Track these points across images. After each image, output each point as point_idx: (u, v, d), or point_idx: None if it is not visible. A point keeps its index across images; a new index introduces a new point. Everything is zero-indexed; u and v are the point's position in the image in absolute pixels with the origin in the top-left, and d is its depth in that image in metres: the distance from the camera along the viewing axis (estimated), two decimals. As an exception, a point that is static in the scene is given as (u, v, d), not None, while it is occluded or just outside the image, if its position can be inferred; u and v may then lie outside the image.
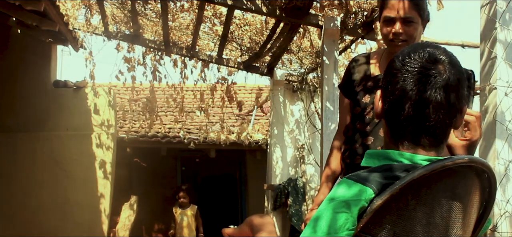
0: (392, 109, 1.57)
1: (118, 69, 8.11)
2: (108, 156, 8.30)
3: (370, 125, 2.90)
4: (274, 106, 8.71)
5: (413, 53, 1.56)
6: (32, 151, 8.04)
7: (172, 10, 6.79)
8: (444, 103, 1.51)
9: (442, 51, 1.57)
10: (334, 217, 1.40)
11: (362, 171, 1.51)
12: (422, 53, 1.55)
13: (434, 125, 1.52)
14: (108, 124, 8.39)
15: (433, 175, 1.42)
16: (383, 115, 1.62)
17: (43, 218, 7.93)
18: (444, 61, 1.54)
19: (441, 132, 1.55)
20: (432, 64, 1.52)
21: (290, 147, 8.74)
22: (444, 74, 1.52)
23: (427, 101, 1.50)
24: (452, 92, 1.52)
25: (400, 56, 1.58)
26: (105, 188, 8.23)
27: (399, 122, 1.55)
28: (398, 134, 1.56)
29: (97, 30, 7.49)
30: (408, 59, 1.55)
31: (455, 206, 1.48)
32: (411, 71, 1.52)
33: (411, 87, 1.51)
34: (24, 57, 8.14)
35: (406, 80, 1.52)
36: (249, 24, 7.03)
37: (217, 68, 8.20)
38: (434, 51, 1.56)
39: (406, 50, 1.59)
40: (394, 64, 1.58)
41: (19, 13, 6.76)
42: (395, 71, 1.56)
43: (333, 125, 5.41)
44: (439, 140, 1.56)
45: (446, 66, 1.53)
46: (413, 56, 1.55)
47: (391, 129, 1.59)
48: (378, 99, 1.64)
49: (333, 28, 5.46)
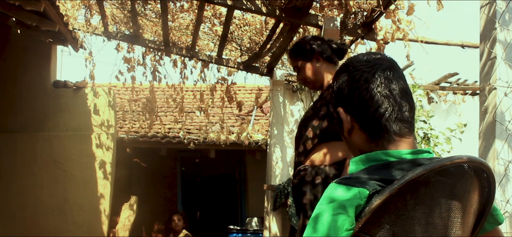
0: (364, 113, 1.61)
1: (118, 69, 8.12)
2: (108, 156, 8.30)
3: None
4: (274, 107, 8.70)
5: (358, 59, 1.67)
6: (32, 151, 8.05)
7: (172, 10, 6.80)
8: (405, 88, 1.62)
9: (377, 52, 1.70)
10: (332, 219, 1.41)
11: (358, 173, 1.51)
12: (366, 56, 1.66)
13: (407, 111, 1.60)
14: (108, 124, 8.39)
15: (432, 174, 1.43)
16: (352, 128, 1.65)
17: (42, 218, 7.94)
18: (385, 57, 1.66)
19: (413, 116, 1.63)
20: (380, 60, 1.64)
21: (290, 147, 8.74)
22: (394, 65, 1.64)
23: (395, 91, 1.59)
24: (403, 76, 1.65)
25: (348, 68, 1.67)
26: (105, 188, 8.23)
27: (376, 120, 1.58)
28: (378, 132, 1.59)
29: (97, 30, 7.49)
30: (360, 65, 1.64)
31: (454, 206, 1.49)
32: (370, 71, 1.61)
33: (375, 85, 1.59)
34: (24, 57, 8.15)
35: (369, 80, 1.60)
36: (249, 24, 7.03)
37: (217, 68, 8.20)
38: (372, 53, 1.70)
39: (351, 61, 1.68)
40: (348, 75, 1.65)
41: (19, 14, 6.76)
42: (355, 78, 1.63)
43: (333, 125, 5.41)
44: (413, 124, 1.63)
45: (388, 60, 1.65)
46: (361, 61, 1.65)
47: (368, 132, 1.61)
48: (344, 114, 1.66)
49: (332, 28, 5.45)
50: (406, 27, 5.54)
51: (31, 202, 7.94)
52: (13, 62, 8.11)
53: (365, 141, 1.63)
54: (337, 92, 1.70)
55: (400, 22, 5.50)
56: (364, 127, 1.62)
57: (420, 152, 1.55)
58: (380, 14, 5.37)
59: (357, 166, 1.60)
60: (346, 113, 1.65)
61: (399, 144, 1.56)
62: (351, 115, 1.64)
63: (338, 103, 1.69)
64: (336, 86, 1.70)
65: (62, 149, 8.16)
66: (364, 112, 1.60)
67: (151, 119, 9.39)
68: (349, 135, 1.67)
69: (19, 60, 8.12)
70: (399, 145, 1.56)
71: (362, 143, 1.64)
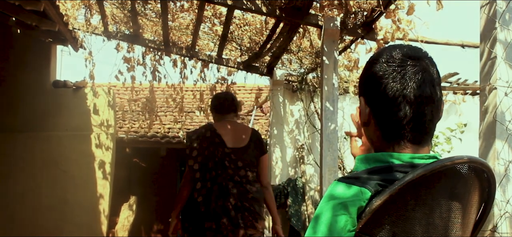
0: (384, 111, 1.56)
1: (118, 69, 8.13)
2: (107, 156, 8.29)
3: None
4: (274, 106, 8.71)
5: (394, 53, 1.57)
6: (31, 151, 8.04)
7: (172, 10, 6.79)
8: (434, 97, 1.53)
9: (419, 49, 1.59)
10: (334, 219, 1.40)
11: (360, 172, 1.50)
12: (403, 53, 1.56)
13: (428, 121, 1.54)
14: (108, 124, 8.38)
15: (433, 175, 1.42)
16: (370, 120, 1.62)
17: (42, 218, 7.93)
18: (424, 57, 1.57)
19: (434, 127, 1.57)
20: (416, 61, 1.54)
21: (290, 147, 8.74)
22: (429, 69, 1.54)
23: (421, 98, 1.51)
24: (437, 85, 1.55)
25: (381, 59, 1.58)
26: (104, 188, 8.22)
27: (394, 123, 1.54)
28: (393, 135, 1.55)
29: (96, 30, 7.49)
30: (392, 60, 1.55)
31: (454, 206, 1.48)
32: (399, 71, 1.53)
33: (403, 86, 1.52)
34: (23, 57, 8.14)
35: (395, 80, 1.53)
36: (249, 24, 7.03)
37: (216, 68, 8.21)
38: (412, 49, 1.58)
39: (386, 52, 1.59)
40: (376, 67, 1.58)
41: (19, 13, 6.76)
42: (381, 73, 1.56)
43: (333, 125, 5.40)
44: (431, 135, 1.57)
45: (427, 62, 1.56)
46: (395, 57, 1.56)
47: (383, 131, 1.58)
48: (364, 105, 1.63)
49: (333, 28, 5.45)
50: (406, 27, 5.54)
51: (31, 202, 7.94)
52: (13, 62, 8.11)
53: (378, 138, 1.60)
54: (363, 79, 1.64)
55: (400, 22, 5.50)
56: (380, 125, 1.58)
57: (426, 157, 1.52)
58: (380, 14, 5.37)
59: (362, 164, 1.58)
60: (367, 104, 1.61)
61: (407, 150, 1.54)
62: (371, 109, 1.60)
63: (361, 91, 1.64)
64: (364, 73, 1.64)
65: (61, 149, 8.16)
66: (383, 111, 1.56)
67: (150, 119, 9.39)
68: (366, 126, 1.65)
69: (19, 59, 8.12)
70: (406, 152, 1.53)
71: (376, 139, 1.61)
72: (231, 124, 4.92)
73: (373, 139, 1.63)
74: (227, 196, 4.67)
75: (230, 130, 4.87)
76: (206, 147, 4.78)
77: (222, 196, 4.67)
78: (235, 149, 4.78)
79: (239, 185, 4.73)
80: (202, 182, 4.76)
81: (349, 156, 8.58)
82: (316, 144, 8.48)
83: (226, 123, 4.93)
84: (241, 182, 4.74)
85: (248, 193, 4.74)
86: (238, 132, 4.89)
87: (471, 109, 8.71)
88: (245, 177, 4.76)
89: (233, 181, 4.71)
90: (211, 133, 4.81)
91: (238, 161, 4.76)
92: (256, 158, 4.88)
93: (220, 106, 4.98)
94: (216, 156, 4.73)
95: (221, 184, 4.69)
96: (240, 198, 4.70)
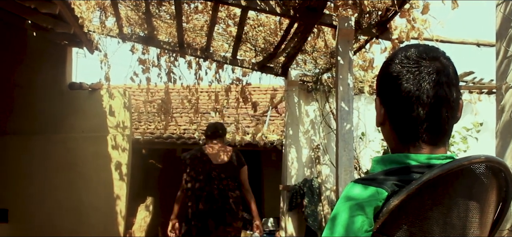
0: (398, 112, 1.55)
1: (133, 71, 8.14)
2: (123, 157, 8.33)
3: None
4: (289, 107, 8.70)
5: (409, 53, 1.55)
6: (48, 153, 8.09)
7: (186, 11, 6.80)
8: (449, 98, 1.52)
9: (435, 48, 1.57)
10: (351, 220, 1.40)
11: (377, 173, 1.50)
12: (418, 53, 1.54)
13: (443, 122, 1.53)
14: (123, 126, 8.42)
15: (450, 174, 1.41)
16: (385, 121, 1.61)
17: (59, 220, 7.98)
18: (440, 57, 1.55)
19: (450, 128, 1.56)
20: (431, 61, 1.53)
21: (305, 147, 8.73)
22: (444, 70, 1.52)
23: (435, 99, 1.50)
24: (454, 86, 1.53)
25: (396, 59, 1.57)
26: (121, 189, 8.26)
27: (408, 124, 1.53)
28: (408, 136, 1.55)
29: (111, 32, 7.52)
30: (406, 61, 1.54)
31: (472, 206, 1.47)
32: (413, 72, 1.52)
33: (414, 88, 1.50)
34: (39, 59, 8.20)
35: (409, 81, 1.51)
36: (263, 25, 7.03)
37: (231, 69, 8.21)
38: (428, 49, 1.56)
39: (401, 52, 1.58)
40: (391, 68, 1.57)
41: (35, 16, 6.81)
42: (395, 74, 1.55)
43: (348, 125, 5.39)
44: (447, 136, 1.56)
45: (443, 62, 1.54)
46: (410, 57, 1.54)
47: (398, 133, 1.57)
48: (379, 106, 1.62)
49: (347, 28, 5.44)
50: (421, 26, 5.51)
51: (48, 204, 7.99)
52: (29, 65, 8.17)
53: (394, 139, 1.59)
54: (378, 80, 1.64)
55: (415, 21, 5.47)
56: (395, 126, 1.58)
57: (442, 158, 1.51)
58: (394, 13, 5.35)
59: (378, 165, 1.57)
60: (381, 105, 1.61)
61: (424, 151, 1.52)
62: (386, 109, 1.59)
63: (377, 91, 1.64)
64: (379, 74, 1.63)
65: (78, 150, 8.21)
66: (397, 112, 1.55)
67: (166, 120, 9.41)
68: (381, 127, 1.64)
69: (35, 62, 8.17)
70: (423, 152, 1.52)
71: (391, 139, 1.61)
72: (216, 146, 6.45)
73: (389, 139, 1.63)
74: (213, 201, 6.21)
75: (215, 150, 6.42)
76: (196, 164, 6.31)
77: (208, 201, 6.21)
78: (218, 165, 6.34)
79: (222, 191, 6.28)
80: (192, 190, 6.26)
81: (365, 156, 8.56)
82: (331, 144, 8.47)
83: (213, 145, 6.45)
84: (224, 189, 6.29)
85: (229, 198, 6.29)
86: (221, 152, 6.43)
87: (487, 108, 8.65)
88: (227, 186, 6.31)
89: (218, 189, 6.26)
90: (201, 154, 6.39)
91: (221, 173, 6.31)
92: (236, 171, 6.40)
93: (210, 134, 6.51)
94: (205, 170, 6.28)
95: (208, 192, 6.23)
96: (222, 202, 6.25)
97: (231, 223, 6.30)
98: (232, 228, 6.32)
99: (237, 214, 6.35)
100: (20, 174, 7.99)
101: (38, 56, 8.20)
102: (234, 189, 6.36)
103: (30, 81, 8.14)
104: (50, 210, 8.00)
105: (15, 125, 8.08)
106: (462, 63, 36.76)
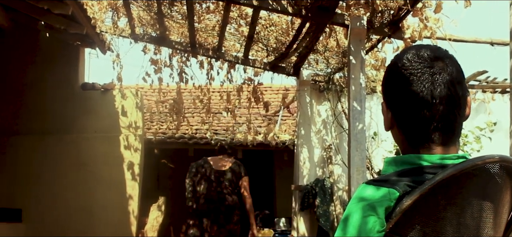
0: (407, 115, 1.54)
1: (145, 71, 8.16)
2: (136, 157, 8.36)
3: None
4: (301, 107, 8.69)
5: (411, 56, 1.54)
6: (60, 153, 8.14)
7: (198, 11, 6.81)
8: (454, 96, 1.51)
9: (436, 48, 1.57)
10: (363, 221, 1.39)
11: (390, 175, 1.49)
12: (421, 54, 1.54)
13: (453, 121, 1.52)
14: (136, 126, 8.45)
15: (463, 174, 1.40)
16: (393, 125, 1.60)
17: (71, 219, 8.02)
18: (443, 55, 1.54)
19: (460, 126, 1.55)
20: (434, 61, 1.52)
21: (317, 147, 8.71)
22: (447, 69, 1.52)
23: (444, 98, 1.49)
24: (458, 84, 1.52)
25: (398, 63, 1.56)
26: (133, 189, 8.29)
27: (418, 126, 1.52)
28: (418, 138, 1.53)
29: (124, 32, 7.55)
30: (408, 63, 1.53)
31: (486, 206, 1.46)
32: (416, 74, 1.51)
33: (421, 89, 1.49)
34: (52, 60, 8.26)
35: (414, 83, 1.50)
36: (275, 25, 7.02)
37: (243, 69, 8.21)
38: (430, 49, 1.56)
39: (403, 56, 1.57)
40: (395, 72, 1.57)
41: (48, 17, 6.85)
42: (400, 78, 1.54)
43: (361, 125, 5.38)
44: (458, 135, 1.55)
45: (446, 60, 1.53)
46: (413, 60, 1.53)
47: (407, 135, 1.56)
48: (386, 110, 1.61)
49: (359, 27, 5.43)
50: (434, 25, 5.50)
51: (61, 203, 8.04)
52: (42, 65, 8.23)
53: (402, 142, 1.58)
54: (383, 84, 1.63)
55: (427, 20, 5.45)
56: (403, 129, 1.57)
57: (454, 158, 1.50)
58: (407, 12, 5.33)
59: (390, 167, 1.56)
60: (388, 109, 1.60)
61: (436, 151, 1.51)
62: (392, 113, 1.59)
63: (383, 96, 1.63)
64: (384, 78, 1.63)
65: (90, 150, 8.25)
66: (404, 115, 1.54)
67: (178, 120, 9.43)
68: (390, 130, 1.63)
69: (47, 63, 8.23)
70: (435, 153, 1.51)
71: (400, 142, 1.60)
72: (219, 157, 7.50)
73: (398, 143, 1.62)
74: (210, 202, 7.14)
75: (218, 160, 7.43)
76: (199, 169, 7.34)
77: (206, 202, 7.14)
78: (218, 170, 7.31)
79: (220, 194, 7.17)
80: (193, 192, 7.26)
81: (377, 155, 8.53)
82: (343, 144, 8.44)
83: (217, 157, 7.49)
84: (222, 192, 7.18)
85: (225, 201, 7.15)
86: (223, 161, 7.43)
87: (501, 107, 8.59)
88: (225, 188, 7.20)
89: (216, 192, 7.18)
90: (205, 162, 7.43)
91: (220, 177, 7.25)
92: (236, 178, 7.32)
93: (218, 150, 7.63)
94: (206, 175, 7.27)
95: (207, 193, 7.17)
96: (219, 203, 7.13)
97: (224, 225, 7.14)
98: (225, 229, 7.15)
99: (232, 217, 7.19)
100: (33, 174, 8.04)
101: (51, 56, 8.25)
102: (231, 193, 7.24)
103: (42, 82, 8.19)
104: (63, 209, 8.04)
105: (28, 125, 8.14)
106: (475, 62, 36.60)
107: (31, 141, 8.09)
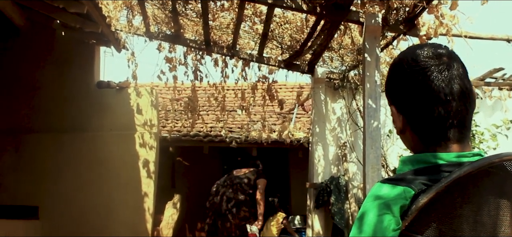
0: (421, 116, 1.53)
1: (160, 69, 8.18)
2: (151, 155, 8.39)
3: None
4: (316, 104, 8.67)
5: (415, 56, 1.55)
6: (76, 151, 8.19)
7: (212, 9, 6.82)
8: (463, 90, 1.51)
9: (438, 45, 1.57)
10: (378, 219, 1.39)
11: (406, 173, 1.49)
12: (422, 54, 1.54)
13: (464, 115, 1.52)
14: (151, 124, 8.48)
15: (480, 172, 1.40)
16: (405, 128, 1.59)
17: (88, 217, 8.07)
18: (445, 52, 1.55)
19: (470, 119, 1.55)
20: (439, 58, 1.52)
21: (332, 145, 8.69)
22: (454, 64, 1.52)
23: (451, 95, 1.49)
24: (466, 78, 1.53)
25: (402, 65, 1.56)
26: (148, 187, 8.32)
27: (434, 125, 1.52)
28: (434, 137, 1.53)
29: (138, 31, 7.57)
30: (415, 64, 1.53)
31: (503, 204, 1.45)
32: (423, 73, 1.51)
33: (435, 86, 1.49)
34: (68, 58, 8.30)
35: (422, 83, 1.51)
36: (289, 22, 7.01)
37: (257, 66, 8.20)
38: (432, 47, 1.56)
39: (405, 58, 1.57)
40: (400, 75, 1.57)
41: (63, 16, 6.90)
42: (406, 81, 1.54)
43: (376, 122, 5.36)
44: (469, 128, 1.55)
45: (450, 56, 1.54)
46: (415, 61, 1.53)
47: (422, 136, 1.56)
48: (397, 114, 1.60)
49: (374, 24, 5.40)
50: (450, 22, 5.46)
51: (77, 201, 8.08)
52: (58, 64, 8.28)
53: (417, 142, 1.57)
54: (390, 89, 1.63)
55: (443, 17, 5.42)
56: (417, 131, 1.56)
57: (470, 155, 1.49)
58: (422, 9, 5.30)
59: (405, 166, 1.55)
60: (399, 112, 1.59)
61: (452, 149, 1.51)
62: (404, 116, 1.58)
63: (391, 101, 1.62)
64: (390, 82, 1.63)
65: (106, 148, 8.29)
66: (416, 115, 1.54)
67: (193, 118, 9.44)
68: (402, 134, 1.62)
69: (63, 61, 8.28)
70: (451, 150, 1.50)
71: (414, 143, 1.59)
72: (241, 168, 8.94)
73: (412, 145, 1.61)
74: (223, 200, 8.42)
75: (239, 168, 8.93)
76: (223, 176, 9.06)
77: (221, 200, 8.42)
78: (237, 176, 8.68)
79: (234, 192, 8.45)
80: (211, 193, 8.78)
81: (392, 153, 8.50)
82: (358, 141, 8.42)
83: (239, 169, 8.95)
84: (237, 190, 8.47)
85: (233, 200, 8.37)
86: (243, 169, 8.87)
87: (517, 105, 8.55)
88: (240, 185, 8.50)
89: (232, 188, 8.51)
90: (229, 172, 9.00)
91: (236, 178, 8.60)
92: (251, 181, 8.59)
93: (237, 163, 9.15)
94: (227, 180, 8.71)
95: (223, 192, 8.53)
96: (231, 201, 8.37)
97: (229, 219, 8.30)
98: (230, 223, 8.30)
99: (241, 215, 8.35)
100: (50, 171, 8.10)
101: (66, 55, 8.30)
102: (243, 192, 8.46)
103: (58, 80, 8.24)
104: (79, 207, 8.09)
105: (44, 123, 8.19)
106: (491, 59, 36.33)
107: (47, 139, 8.15)
